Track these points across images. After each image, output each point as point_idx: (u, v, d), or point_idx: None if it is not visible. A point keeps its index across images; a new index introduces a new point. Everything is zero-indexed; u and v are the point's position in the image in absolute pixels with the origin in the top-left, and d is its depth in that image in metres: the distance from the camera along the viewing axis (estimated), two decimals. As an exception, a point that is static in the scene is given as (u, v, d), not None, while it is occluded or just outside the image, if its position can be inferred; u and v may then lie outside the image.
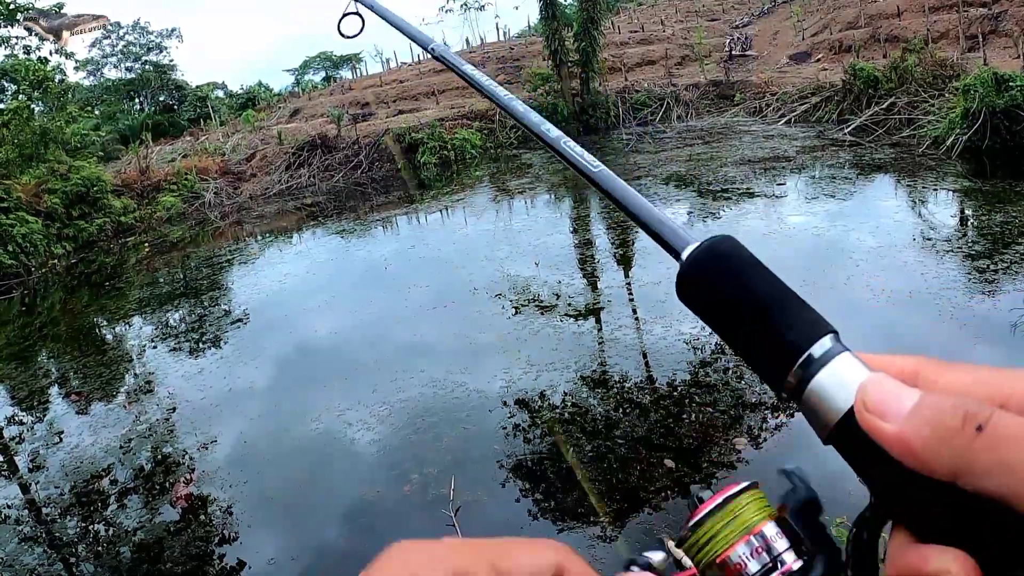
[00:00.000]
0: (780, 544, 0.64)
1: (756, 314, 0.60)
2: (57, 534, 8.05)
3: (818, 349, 0.56)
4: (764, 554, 0.64)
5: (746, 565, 0.64)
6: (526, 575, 0.52)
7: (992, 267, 11.01)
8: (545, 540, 0.52)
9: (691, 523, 0.67)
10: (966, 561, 0.47)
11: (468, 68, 1.04)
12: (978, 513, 0.47)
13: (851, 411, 0.53)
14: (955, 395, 0.50)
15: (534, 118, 0.91)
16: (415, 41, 1.27)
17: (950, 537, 0.48)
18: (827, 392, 0.55)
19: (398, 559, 0.50)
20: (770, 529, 0.65)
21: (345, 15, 1.85)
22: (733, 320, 0.62)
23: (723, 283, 0.63)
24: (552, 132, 0.88)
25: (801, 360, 0.56)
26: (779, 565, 0.63)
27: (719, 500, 0.67)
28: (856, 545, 0.57)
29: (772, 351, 0.58)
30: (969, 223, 13.80)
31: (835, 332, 0.58)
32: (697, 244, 0.66)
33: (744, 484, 0.68)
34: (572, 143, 0.85)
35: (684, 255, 0.67)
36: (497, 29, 53.10)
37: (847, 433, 0.54)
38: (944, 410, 0.48)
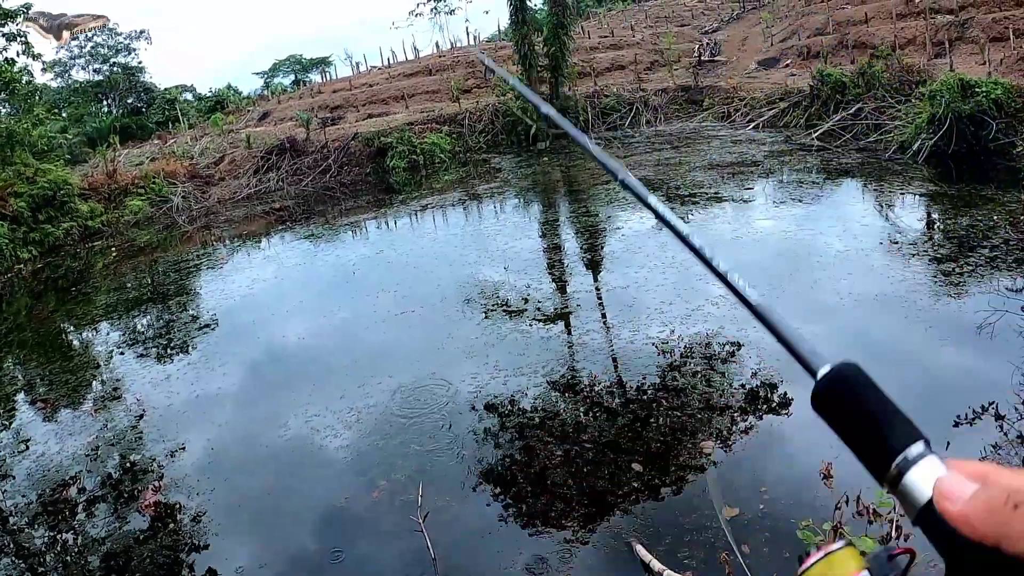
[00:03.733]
0: None
1: (869, 423, 0.80)
2: (24, 543, 7.96)
3: (912, 452, 0.76)
4: None
5: None
6: None
7: (958, 270, 11.15)
8: None
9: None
10: None
11: (652, 199, 1.23)
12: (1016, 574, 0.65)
13: (931, 500, 0.72)
14: (1006, 487, 0.68)
15: (708, 253, 1.11)
16: (603, 165, 1.41)
17: None
18: (915, 485, 0.74)
19: None
20: None
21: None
22: (852, 426, 0.82)
23: (846, 399, 0.83)
24: (721, 265, 1.09)
25: (898, 460, 0.76)
26: None
27: (820, 555, 0.82)
28: None
29: (879, 451, 0.78)
30: (935, 227, 13.97)
31: (926, 439, 0.77)
32: (829, 368, 0.86)
33: (842, 542, 0.83)
34: (737, 277, 1.07)
35: (819, 375, 0.86)
36: (467, 33, 52.97)
37: (927, 516, 0.73)
38: (993, 495, 0.67)
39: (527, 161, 29.22)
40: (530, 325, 11.46)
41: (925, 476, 0.74)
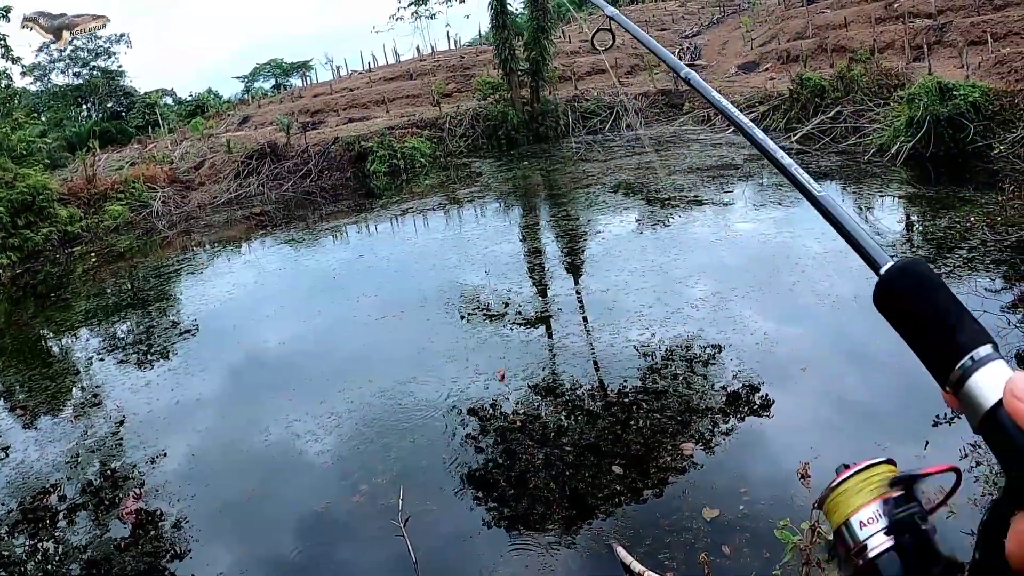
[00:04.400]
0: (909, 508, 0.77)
1: (934, 321, 0.78)
2: (4, 552, 7.91)
3: (979, 352, 0.73)
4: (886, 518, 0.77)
5: (876, 521, 0.77)
6: None
7: (936, 271, 11.21)
8: None
9: (832, 484, 0.82)
10: None
11: (715, 94, 1.27)
12: None
13: (997, 404, 0.69)
14: None
15: (771, 144, 1.13)
16: (665, 62, 1.51)
17: None
18: (981, 388, 0.71)
19: None
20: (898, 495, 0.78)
21: (599, 30, 2.32)
22: (916, 324, 0.81)
23: (912, 295, 0.82)
24: (785, 159, 1.11)
25: (963, 360, 0.73)
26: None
27: (860, 467, 0.81)
28: (986, 527, 0.69)
29: (943, 351, 0.76)
30: (914, 228, 14.08)
31: (994, 343, 0.75)
32: (894, 262, 0.86)
33: (882, 459, 0.82)
34: (799, 169, 1.08)
35: (882, 270, 0.87)
36: (448, 37, 53.02)
37: (992, 423, 0.69)
38: None
39: (507, 165, 29.24)
40: (511, 329, 11.48)
41: (992, 379, 0.71)
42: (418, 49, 53.67)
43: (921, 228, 13.95)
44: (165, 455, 9.34)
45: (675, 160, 24.04)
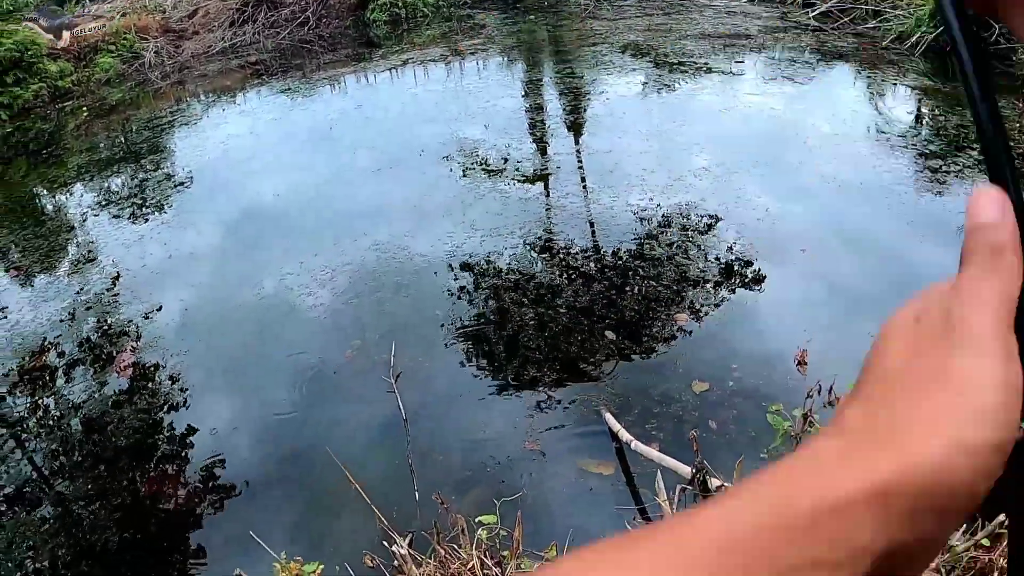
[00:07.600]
0: None
1: None
2: (4, 412, 7.96)
3: None
4: None
5: None
6: None
7: (944, 168, 11.01)
8: None
9: None
10: None
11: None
12: None
13: None
14: None
15: None
16: None
17: None
18: None
19: None
20: None
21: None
22: None
23: None
24: None
25: None
26: None
27: None
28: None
29: None
30: (925, 122, 13.78)
31: None
32: None
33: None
34: None
35: None
36: None
37: None
38: None
39: (512, 18, 28.50)
40: (508, 185, 11.34)
41: None
42: None
43: (932, 123, 13.63)
44: (160, 310, 9.32)
45: (687, 25, 23.43)
